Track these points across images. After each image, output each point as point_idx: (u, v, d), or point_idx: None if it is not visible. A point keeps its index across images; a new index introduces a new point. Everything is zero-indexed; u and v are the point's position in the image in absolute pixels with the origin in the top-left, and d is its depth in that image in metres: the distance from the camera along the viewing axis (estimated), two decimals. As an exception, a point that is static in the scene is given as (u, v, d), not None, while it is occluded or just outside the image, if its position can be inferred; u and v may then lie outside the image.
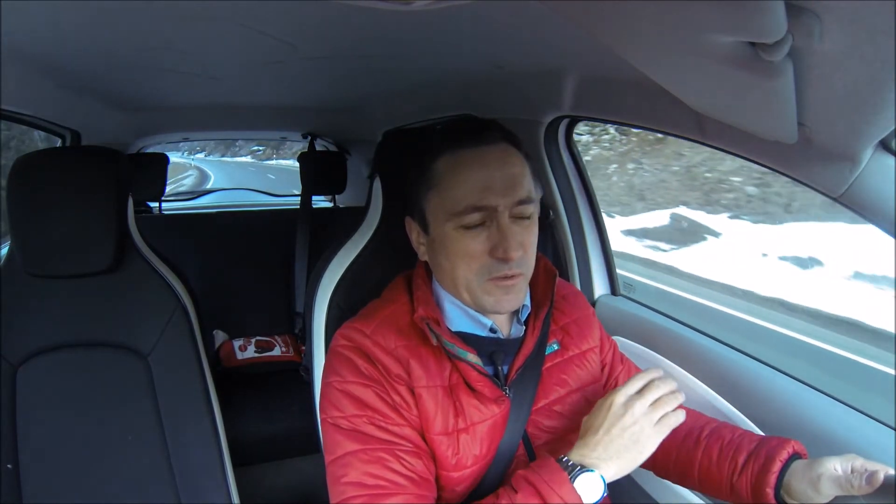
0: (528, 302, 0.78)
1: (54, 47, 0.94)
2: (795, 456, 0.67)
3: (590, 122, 1.21)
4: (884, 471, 0.58)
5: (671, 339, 1.07)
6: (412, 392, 0.69)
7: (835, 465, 0.61)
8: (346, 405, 0.68)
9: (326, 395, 0.71)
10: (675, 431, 0.80)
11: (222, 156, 17.76)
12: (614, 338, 1.12)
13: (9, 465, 1.02)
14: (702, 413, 0.83)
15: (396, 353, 0.70)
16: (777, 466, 0.65)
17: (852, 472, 0.60)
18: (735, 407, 0.90)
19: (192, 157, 15.99)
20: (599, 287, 1.29)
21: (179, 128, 2.16)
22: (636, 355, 1.08)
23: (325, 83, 1.41)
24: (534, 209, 0.71)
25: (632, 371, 0.88)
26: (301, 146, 2.45)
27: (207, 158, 16.98)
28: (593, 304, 1.28)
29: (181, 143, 3.18)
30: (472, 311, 0.73)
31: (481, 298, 0.70)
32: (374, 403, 0.68)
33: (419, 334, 0.72)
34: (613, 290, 1.30)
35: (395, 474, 0.64)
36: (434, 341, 0.70)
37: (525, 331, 0.76)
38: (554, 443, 0.75)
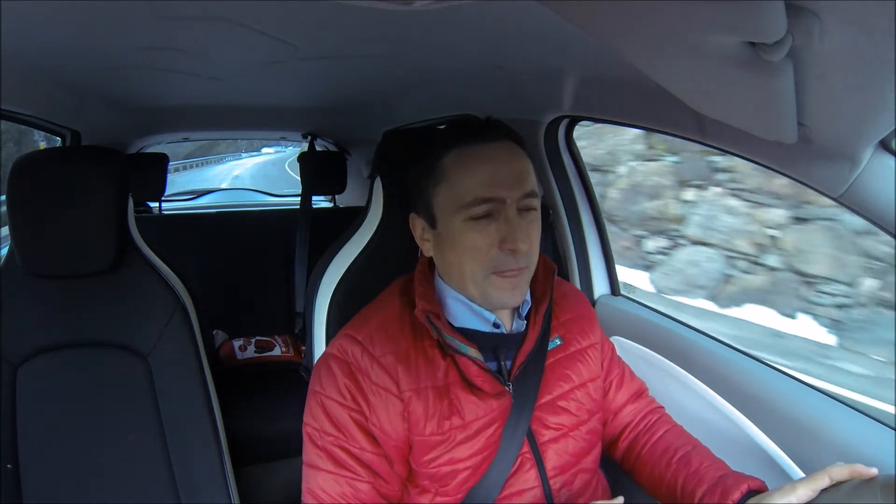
0: (528, 297, 0.78)
1: (54, 47, 0.94)
2: (751, 493, 0.66)
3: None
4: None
5: (671, 339, 1.07)
6: (400, 398, 0.70)
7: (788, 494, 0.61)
8: (322, 421, 0.71)
9: (309, 401, 0.74)
10: (653, 446, 0.81)
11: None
12: (615, 338, 1.12)
13: (9, 465, 1.02)
14: (684, 430, 0.84)
15: (384, 360, 0.71)
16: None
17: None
18: (734, 407, 0.90)
19: (279, 145, 25.76)
20: (599, 287, 1.29)
21: (180, 128, 2.16)
22: (636, 355, 1.08)
23: (325, 83, 1.41)
24: (538, 204, 0.73)
25: (626, 375, 0.88)
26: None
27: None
28: (593, 304, 1.28)
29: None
30: (475, 307, 0.73)
31: (488, 292, 0.71)
32: (345, 426, 0.70)
33: (409, 337, 0.73)
34: (613, 290, 1.30)
35: (341, 497, 0.69)
36: (434, 335, 0.71)
37: (526, 325, 0.76)
38: (559, 439, 0.75)
